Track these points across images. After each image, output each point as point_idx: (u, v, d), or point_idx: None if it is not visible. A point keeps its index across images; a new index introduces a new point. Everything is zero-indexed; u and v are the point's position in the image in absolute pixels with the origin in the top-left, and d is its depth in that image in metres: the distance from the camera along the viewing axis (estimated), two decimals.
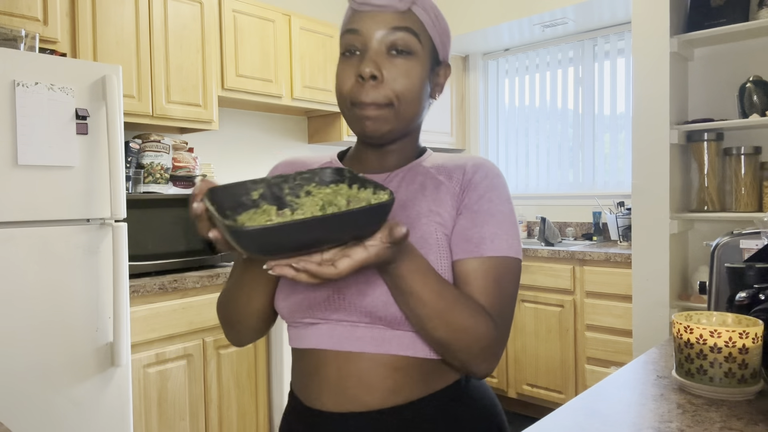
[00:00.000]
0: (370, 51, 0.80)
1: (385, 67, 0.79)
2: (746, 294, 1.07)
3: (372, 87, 0.79)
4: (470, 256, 0.79)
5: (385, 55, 0.80)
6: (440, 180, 0.85)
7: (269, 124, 3.38)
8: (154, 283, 2.16)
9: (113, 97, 1.88)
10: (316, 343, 0.82)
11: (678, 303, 2.55)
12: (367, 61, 0.79)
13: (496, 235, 0.79)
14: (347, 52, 0.82)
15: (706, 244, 1.93)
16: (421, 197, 0.83)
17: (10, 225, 1.72)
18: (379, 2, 0.79)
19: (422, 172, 0.87)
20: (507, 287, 0.79)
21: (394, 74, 0.79)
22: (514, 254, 0.80)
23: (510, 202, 0.83)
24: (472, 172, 0.84)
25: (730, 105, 2.58)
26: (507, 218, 0.81)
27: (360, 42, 0.80)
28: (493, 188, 0.82)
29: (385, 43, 0.80)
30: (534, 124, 3.95)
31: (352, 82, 0.80)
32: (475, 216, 0.81)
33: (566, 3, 3.25)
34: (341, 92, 0.82)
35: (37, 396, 1.74)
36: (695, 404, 0.89)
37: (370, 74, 0.78)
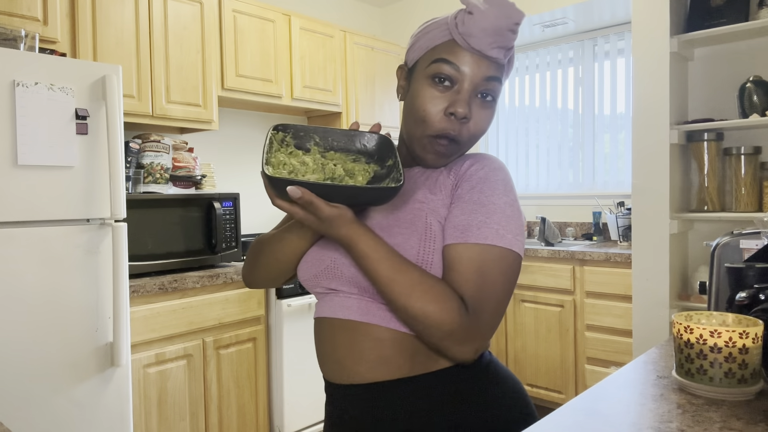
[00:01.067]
0: (465, 92, 0.84)
1: (473, 109, 0.85)
2: (746, 294, 1.07)
3: (460, 124, 0.84)
4: (456, 241, 0.81)
5: (475, 96, 0.85)
6: (443, 171, 0.90)
7: (269, 124, 3.38)
8: (154, 283, 2.15)
9: (113, 97, 1.87)
10: (321, 312, 0.91)
11: (678, 303, 2.55)
12: (463, 102, 0.84)
13: (483, 223, 0.81)
14: (438, 79, 0.85)
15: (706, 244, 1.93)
16: (421, 185, 0.89)
17: (10, 225, 1.72)
18: (491, 54, 0.83)
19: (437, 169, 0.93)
20: (491, 276, 0.80)
21: (478, 119, 0.86)
22: (505, 244, 0.81)
23: (507, 195, 0.85)
24: (469, 164, 0.88)
25: (730, 105, 2.58)
26: (499, 210, 0.83)
27: (457, 78, 0.84)
28: (486, 180, 0.85)
29: (480, 88, 0.85)
30: (534, 124, 3.95)
31: (439, 113, 0.85)
32: (465, 205, 0.84)
33: (566, 3, 3.25)
34: (425, 118, 0.85)
35: (36, 396, 1.74)
36: (695, 404, 0.89)
37: (463, 115, 0.83)
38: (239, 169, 3.23)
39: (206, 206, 2.53)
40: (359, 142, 0.90)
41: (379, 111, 3.53)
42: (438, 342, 0.78)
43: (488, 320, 0.80)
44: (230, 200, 2.61)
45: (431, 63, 0.85)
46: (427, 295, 0.77)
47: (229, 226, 2.60)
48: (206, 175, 2.75)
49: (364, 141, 0.90)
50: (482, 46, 0.82)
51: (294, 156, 0.84)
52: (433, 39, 0.87)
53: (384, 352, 0.83)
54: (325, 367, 0.91)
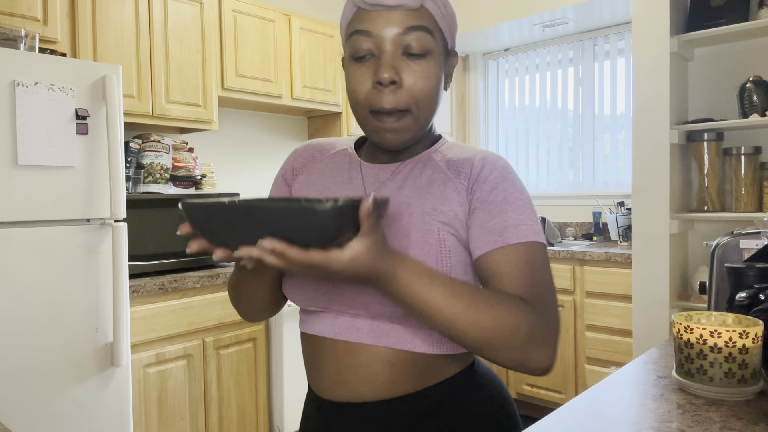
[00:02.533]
0: (386, 54, 0.75)
1: (403, 70, 0.75)
2: (746, 294, 1.07)
3: (391, 92, 0.75)
4: (495, 247, 0.75)
5: (401, 57, 0.76)
6: (449, 176, 0.81)
7: (269, 124, 3.38)
8: (154, 283, 2.15)
9: (113, 97, 1.87)
10: (319, 330, 0.83)
11: (678, 303, 2.55)
12: (385, 66, 0.74)
13: (519, 221, 0.76)
14: (358, 56, 0.77)
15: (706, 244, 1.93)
16: (427, 194, 0.80)
17: (10, 225, 1.72)
18: (390, 2, 0.74)
19: (432, 165, 0.84)
20: (541, 271, 0.75)
21: (412, 78, 0.76)
22: (540, 239, 0.76)
23: (525, 191, 0.80)
24: (480, 166, 0.81)
25: (730, 105, 2.58)
26: (526, 205, 0.78)
27: (373, 44, 0.76)
28: (504, 179, 0.79)
29: (401, 44, 0.75)
30: (534, 124, 3.95)
31: (368, 89, 0.76)
32: (492, 207, 0.77)
33: (566, 3, 3.25)
34: (357, 99, 0.78)
35: (36, 396, 1.74)
36: (695, 404, 0.89)
37: (389, 80, 0.74)
38: (239, 169, 3.23)
39: None
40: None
41: None
42: (519, 351, 0.69)
43: (554, 315, 0.74)
44: None
45: (348, 40, 0.79)
46: (492, 306, 0.68)
47: None
48: (206, 175, 2.75)
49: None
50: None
51: None
52: (345, 17, 0.81)
53: (395, 375, 0.79)
54: (321, 385, 0.84)
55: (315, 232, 0.57)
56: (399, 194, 0.81)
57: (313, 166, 0.92)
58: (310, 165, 0.92)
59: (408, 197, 0.81)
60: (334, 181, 0.88)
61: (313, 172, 0.91)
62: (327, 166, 0.91)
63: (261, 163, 3.33)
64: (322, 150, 0.93)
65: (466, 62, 4.23)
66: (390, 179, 0.84)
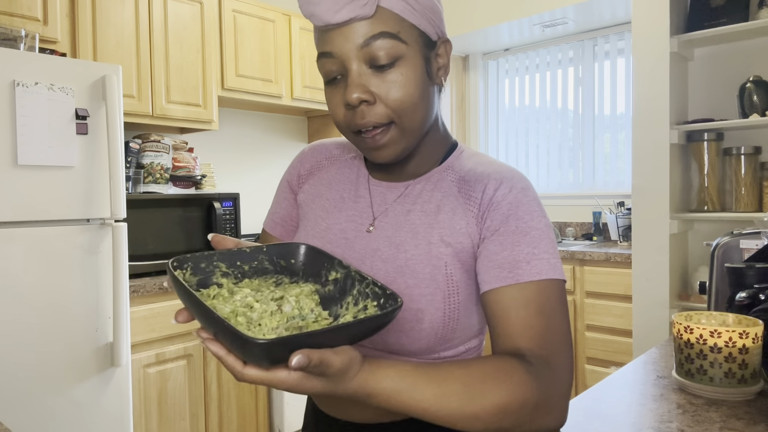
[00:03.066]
0: (351, 74, 0.70)
1: (373, 84, 0.70)
2: (746, 294, 1.07)
3: (366, 109, 0.70)
4: (504, 284, 0.68)
5: (369, 72, 0.70)
6: (458, 201, 0.75)
7: (269, 124, 3.38)
8: (154, 283, 2.15)
9: (113, 97, 1.87)
10: None
11: (678, 303, 2.55)
12: (351, 87, 0.69)
13: (533, 255, 0.69)
14: (329, 80, 0.73)
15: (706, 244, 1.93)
16: (434, 222, 0.75)
17: (10, 225, 1.72)
18: (340, 18, 0.68)
19: (443, 187, 0.77)
20: (555, 315, 0.68)
21: (384, 90, 0.70)
22: (558, 275, 0.69)
23: (544, 217, 0.73)
24: (493, 189, 0.74)
25: (730, 105, 2.58)
26: (543, 235, 0.71)
27: (337, 65, 0.71)
28: (519, 204, 0.72)
29: (365, 59, 0.69)
30: (534, 124, 3.95)
31: (343, 111, 0.72)
32: (504, 238, 0.70)
33: (566, 3, 3.25)
34: (336, 123, 0.75)
35: (37, 396, 1.74)
36: (695, 404, 0.89)
37: (357, 101, 0.69)
38: (239, 169, 3.23)
39: (206, 206, 2.53)
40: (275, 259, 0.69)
41: None
42: (529, 425, 0.63)
43: (565, 371, 0.67)
44: (230, 200, 2.61)
45: (318, 64, 0.74)
46: (491, 390, 0.61)
47: (229, 226, 2.60)
48: (206, 175, 2.75)
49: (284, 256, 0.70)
50: (328, 15, 0.68)
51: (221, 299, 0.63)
52: (315, 39, 0.75)
53: None
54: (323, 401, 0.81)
55: (249, 357, 0.53)
56: (406, 220, 0.76)
57: (320, 174, 0.88)
58: (317, 173, 0.88)
59: (415, 225, 0.76)
60: (341, 197, 0.83)
61: (320, 182, 0.87)
62: (335, 177, 0.86)
63: (261, 163, 3.33)
64: (330, 156, 0.89)
65: (466, 62, 4.23)
66: (398, 201, 0.79)
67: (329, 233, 0.81)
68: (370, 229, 0.78)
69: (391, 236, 0.76)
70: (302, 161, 0.90)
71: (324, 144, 0.92)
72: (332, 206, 0.83)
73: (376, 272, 0.75)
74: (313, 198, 0.86)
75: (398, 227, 0.76)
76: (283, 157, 3.45)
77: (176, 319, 0.61)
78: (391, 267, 0.74)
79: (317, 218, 0.83)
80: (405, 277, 0.73)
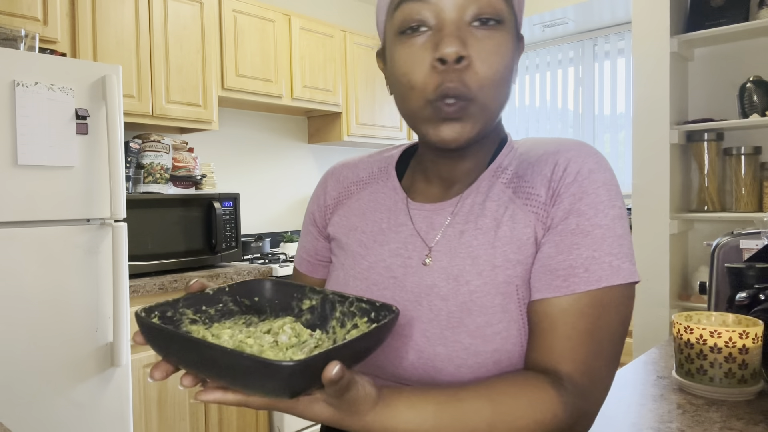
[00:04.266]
0: (448, 23, 0.58)
1: (470, 44, 0.58)
2: (746, 294, 1.07)
3: (457, 72, 0.58)
4: (557, 294, 0.59)
5: (467, 27, 0.58)
6: (517, 203, 0.64)
7: (269, 124, 3.38)
8: (154, 283, 2.15)
9: (113, 97, 1.87)
10: None
11: (678, 303, 2.55)
12: (450, 39, 0.57)
13: (592, 259, 0.58)
14: (409, 29, 0.60)
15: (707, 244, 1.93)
16: (495, 240, 0.63)
17: (10, 225, 1.72)
18: None
19: (495, 194, 0.66)
20: (606, 332, 0.58)
21: (483, 54, 0.58)
22: (623, 279, 0.58)
23: (613, 208, 0.60)
24: (556, 178, 0.62)
25: (730, 105, 2.58)
26: (610, 232, 0.59)
27: (432, 12, 0.59)
28: (584, 194, 0.60)
29: (469, 11, 0.58)
30: (534, 124, 3.95)
31: (425, 70, 0.59)
32: (561, 239, 0.60)
33: (566, 3, 3.25)
34: (411, 84, 0.60)
35: (36, 396, 1.74)
36: (695, 404, 0.89)
37: (456, 55, 0.57)
38: (239, 169, 3.23)
39: (206, 206, 2.53)
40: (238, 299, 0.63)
41: (379, 111, 3.53)
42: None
43: (601, 396, 0.59)
44: (230, 200, 2.61)
45: (394, 13, 0.62)
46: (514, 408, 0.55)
47: (229, 226, 2.60)
48: (206, 175, 2.75)
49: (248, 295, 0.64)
50: None
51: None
52: None
53: None
54: None
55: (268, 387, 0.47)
56: (460, 244, 0.65)
57: (350, 203, 0.77)
58: (346, 202, 0.77)
59: (473, 248, 0.64)
60: (379, 229, 0.72)
61: (351, 213, 0.76)
62: (368, 206, 0.75)
63: (261, 163, 3.33)
64: (357, 180, 0.78)
65: None
66: (448, 224, 0.67)
67: (373, 273, 0.69)
68: (426, 261, 0.66)
69: (447, 267, 0.64)
70: (326, 190, 0.80)
71: (348, 166, 0.80)
72: (371, 240, 0.71)
73: (437, 314, 0.63)
74: (347, 232, 0.74)
75: (453, 255, 0.65)
76: (283, 157, 3.45)
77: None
78: (454, 305, 0.63)
79: (356, 256, 0.72)
80: (473, 316, 0.61)
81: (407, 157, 0.78)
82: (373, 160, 0.79)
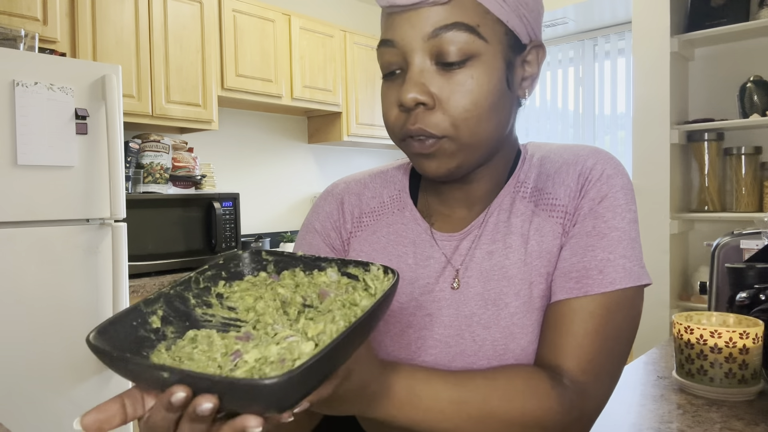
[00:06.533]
0: (412, 68, 0.58)
1: (435, 84, 0.58)
2: (747, 294, 1.06)
3: (421, 114, 0.59)
4: (571, 296, 0.59)
5: (433, 68, 0.58)
6: (542, 215, 0.64)
7: (269, 124, 3.37)
8: (154, 283, 2.15)
9: (113, 97, 1.87)
10: None
11: (678, 303, 2.55)
12: (409, 84, 0.58)
13: (607, 261, 0.59)
14: (388, 72, 0.62)
15: (707, 244, 1.92)
16: (526, 256, 0.63)
17: (10, 225, 1.72)
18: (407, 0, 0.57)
19: (520, 209, 0.65)
20: (614, 335, 0.59)
21: (447, 93, 0.58)
22: (634, 282, 0.59)
23: (629, 212, 0.61)
24: (582, 182, 0.62)
25: (731, 105, 2.58)
26: (624, 236, 0.60)
27: (397, 57, 0.60)
28: (604, 198, 0.61)
29: (430, 52, 0.58)
30: (534, 124, 3.95)
31: (395, 113, 0.61)
32: (576, 241, 0.61)
33: (566, 3, 3.25)
34: (386, 125, 0.63)
35: (36, 396, 1.74)
36: (695, 405, 0.89)
37: (413, 102, 0.58)
38: (239, 169, 3.23)
39: (206, 206, 2.52)
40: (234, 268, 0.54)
41: (379, 111, 3.53)
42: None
43: (603, 395, 0.59)
44: (230, 200, 2.61)
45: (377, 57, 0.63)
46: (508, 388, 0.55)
47: (229, 226, 2.60)
48: (206, 175, 2.75)
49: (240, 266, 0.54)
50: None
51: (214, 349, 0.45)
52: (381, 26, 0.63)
53: None
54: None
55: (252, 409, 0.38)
56: (492, 266, 0.64)
57: (364, 236, 0.72)
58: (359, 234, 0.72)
59: (505, 268, 0.63)
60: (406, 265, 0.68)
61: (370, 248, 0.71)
62: (387, 239, 0.70)
63: (261, 163, 3.33)
64: (369, 211, 0.73)
65: None
66: (474, 246, 0.65)
67: (406, 314, 0.66)
68: (454, 285, 0.64)
69: (482, 292, 0.63)
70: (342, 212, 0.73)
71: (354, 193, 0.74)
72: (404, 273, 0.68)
73: (481, 345, 0.62)
74: None
75: (487, 278, 0.63)
76: (283, 157, 3.45)
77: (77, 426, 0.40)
78: (499, 333, 0.62)
79: None
80: (516, 339, 0.61)
81: (415, 177, 0.74)
82: (379, 184, 0.74)
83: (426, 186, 0.72)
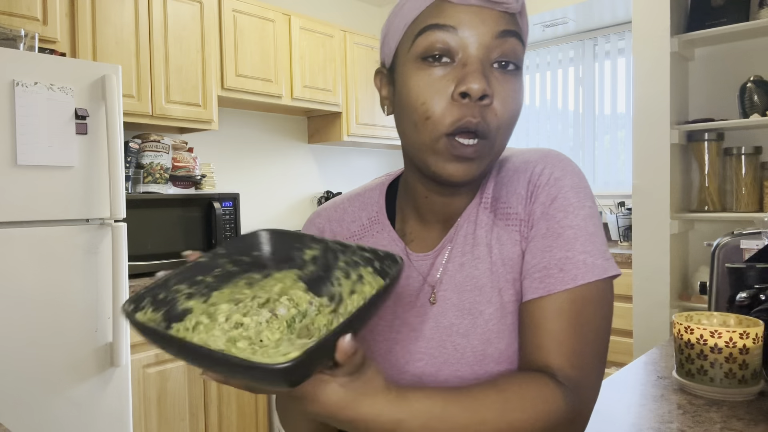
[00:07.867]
0: (473, 60, 0.58)
1: (494, 84, 0.59)
2: (747, 294, 1.06)
3: (483, 108, 0.58)
4: (536, 296, 0.61)
5: (490, 68, 0.59)
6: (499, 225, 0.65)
7: (269, 124, 3.37)
8: None
9: (113, 97, 1.87)
10: None
11: (678, 303, 2.55)
12: (476, 75, 0.57)
13: (565, 260, 0.60)
14: (431, 57, 0.59)
15: (707, 244, 1.92)
16: (492, 265, 0.65)
17: (10, 225, 1.72)
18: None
19: (482, 220, 0.67)
20: (588, 324, 0.60)
21: (503, 96, 0.59)
22: (598, 275, 0.60)
23: (583, 208, 0.62)
24: (530, 191, 0.64)
25: (731, 105, 2.58)
26: (581, 231, 0.61)
27: (459, 45, 0.58)
28: (553, 200, 0.62)
29: (494, 53, 0.59)
30: (534, 124, 3.94)
31: (445, 102, 0.59)
32: (534, 243, 0.62)
33: (566, 3, 3.25)
34: (430, 115, 0.59)
35: (36, 396, 1.74)
36: (696, 405, 0.89)
37: (480, 92, 0.57)
38: (239, 169, 3.23)
39: (206, 206, 2.52)
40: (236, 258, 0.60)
41: (379, 111, 3.53)
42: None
43: (595, 385, 0.61)
44: (230, 200, 2.61)
45: (416, 38, 0.60)
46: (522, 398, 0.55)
47: (229, 226, 2.60)
48: (206, 175, 2.75)
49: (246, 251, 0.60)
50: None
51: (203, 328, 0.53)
52: (412, 9, 0.62)
53: None
54: None
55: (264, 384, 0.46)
56: (464, 277, 0.66)
57: None
58: None
59: (475, 278, 0.65)
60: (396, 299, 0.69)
61: None
62: None
63: (261, 163, 3.33)
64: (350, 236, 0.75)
65: None
66: (447, 261, 0.67)
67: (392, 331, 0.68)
68: (431, 300, 0.67)
69: (458, 303, 0.65)
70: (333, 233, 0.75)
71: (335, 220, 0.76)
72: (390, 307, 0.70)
73: (462, 353, 0.64)
74: None
75: (461, 290, 0.65)
76: (283, 157, 3.45)
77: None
78: (477, 340, 0.64)
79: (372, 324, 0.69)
80: (494, 343, 0.63)
81: (391, 197, 0.75)
82: (357, 206, 0.75)
83: (403, 204, 0.72)
